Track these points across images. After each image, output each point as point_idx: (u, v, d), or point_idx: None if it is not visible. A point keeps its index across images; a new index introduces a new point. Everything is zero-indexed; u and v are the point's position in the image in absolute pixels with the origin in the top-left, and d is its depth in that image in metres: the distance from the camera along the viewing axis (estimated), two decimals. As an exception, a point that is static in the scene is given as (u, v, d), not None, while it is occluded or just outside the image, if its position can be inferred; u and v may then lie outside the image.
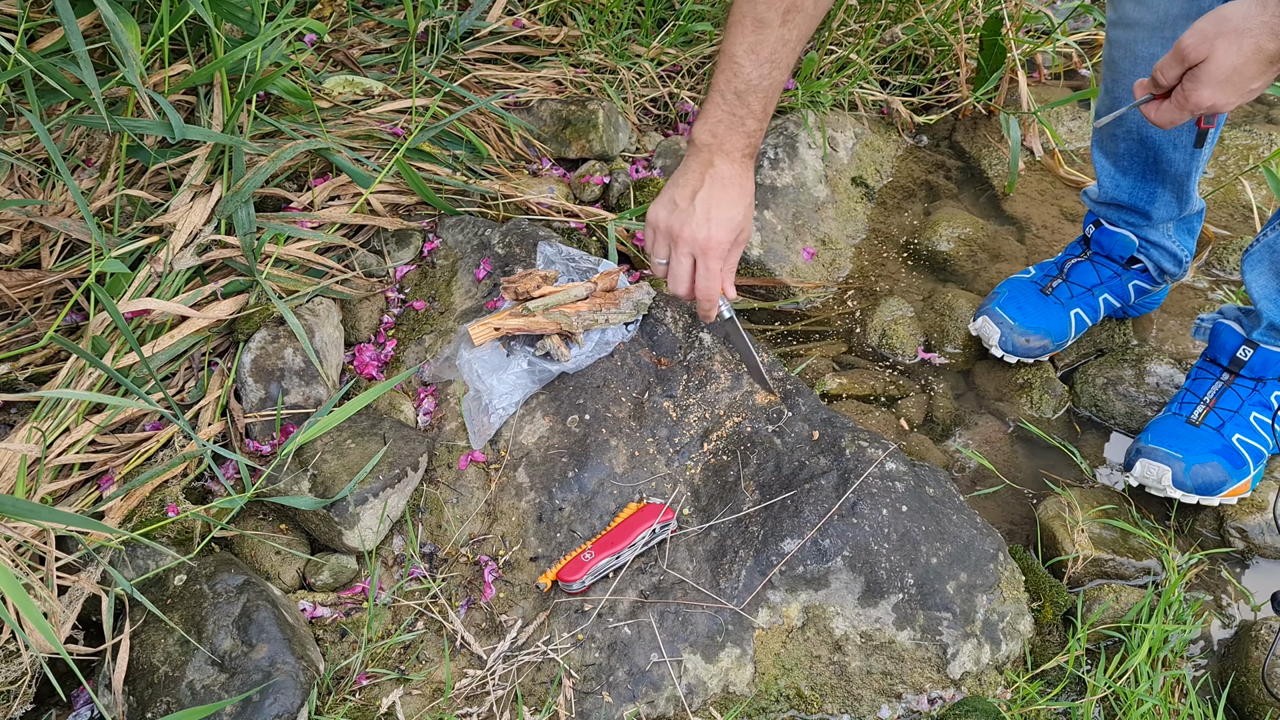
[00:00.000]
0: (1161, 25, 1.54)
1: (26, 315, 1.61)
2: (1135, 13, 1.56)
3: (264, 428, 1.57)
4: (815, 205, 2.05)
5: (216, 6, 1.59)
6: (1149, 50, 1.56)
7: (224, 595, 1.36)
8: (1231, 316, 1.66)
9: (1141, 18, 1.56)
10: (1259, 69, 1.26)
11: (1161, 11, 1.53)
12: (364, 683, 1.39)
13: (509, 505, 1.52)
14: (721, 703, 1.38)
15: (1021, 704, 1.40)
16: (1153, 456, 1.59)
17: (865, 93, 2.23)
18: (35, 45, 1.60)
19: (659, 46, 2.17)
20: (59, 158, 1.43)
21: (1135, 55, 1.59)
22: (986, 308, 1.80)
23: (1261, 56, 1.24)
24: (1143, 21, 1.56)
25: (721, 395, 1.60)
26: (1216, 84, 1.26)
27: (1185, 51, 1.26)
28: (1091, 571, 1.55)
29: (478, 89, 2.04)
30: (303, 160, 1.83)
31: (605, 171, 2.02)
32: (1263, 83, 1.29)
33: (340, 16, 2.08)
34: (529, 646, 1.40)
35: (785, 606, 1.41)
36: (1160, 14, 1.53)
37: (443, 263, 1.80)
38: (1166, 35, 1.53)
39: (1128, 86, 1.60)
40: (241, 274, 1.67)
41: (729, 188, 1.43)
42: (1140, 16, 1.56)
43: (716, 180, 1.42)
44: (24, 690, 1.33)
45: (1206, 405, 1.63)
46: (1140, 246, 1.79)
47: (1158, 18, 1.53)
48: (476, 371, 1.59)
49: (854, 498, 1.44)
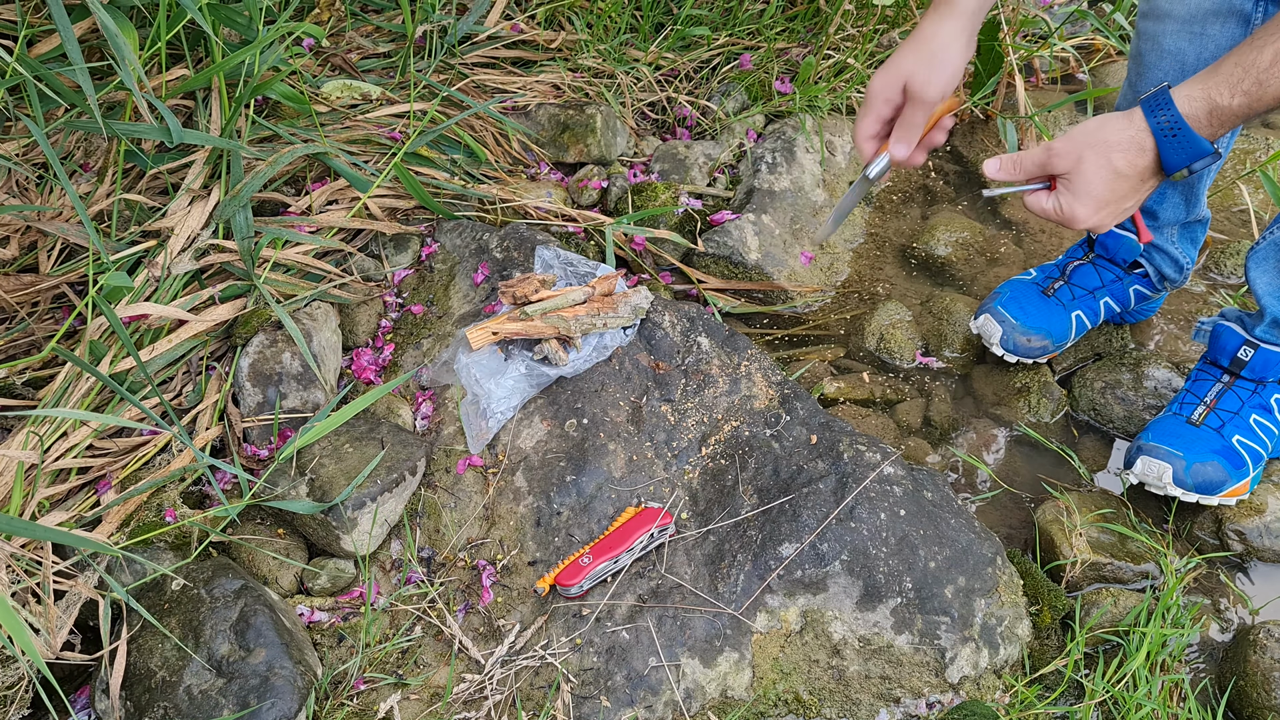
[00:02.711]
0: (1192, 19, 1.53)
1: (24, 319, 1.61)
2: (1167, 5, 1.55)
3: (262, 432, 1.57)
4: (813, 209, 2.05)
5: (215, 12, 1.59)
6: (1176, 44, 1.55)
7: (221, 600, 1.36)
8: (1232, 319, 1.66)
9: (1173, 10, 1.54)
10: (1130, 187, 1.26)
11: (1193, 5, 1.52)
12: (362, 688, 1.39)
13: (507, 509, 1.52)
14: (720, 707, 1.38)
15: (1020, 708, 1.40)
16: (1153, 454, 1.59)
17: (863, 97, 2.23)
18: (35, 50, 1.60)
19: (657, 51, 2.17)
20: (57, 162, 1.43)
21: (1162, 48, 1.58)
22: (988, 306, 1.80)
23: (1133, 172, 1.24)
24: (1173, 14, 1.54)
25: (719, 399, 1.60)
26: (1095, 203, 1.26)
27: (1053, 158, 1.26)
28: (1090, 575, 1.54)
29: (476, 93, 2.05)
30: (301, 164, 1.83)
31: (603, 176, 2.02)
32: (1135, 201, 1.28)
33: (338, 21, 2.08)
34: (527, 651, 1.40)
35: (783, 611, 1.41)
36: (1191, 8, 1.52)
37: (440, 267, 1.80)
38: (1195, 30, 1.52)
39: (1152, 81, 1.60)
40: (239, 278, 1.66)
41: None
42: (1171, 9, 1.54)
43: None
44: (21, 695, 1.33)
45: (1207, 406, 1.63)
46: (1143, 250, 1.79)
47: (1189, 11, 1.52)
48: (474, 375, 1.59)
49: (852, 502, 1.44)
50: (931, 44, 1.33)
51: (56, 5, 1.34)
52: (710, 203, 2.04)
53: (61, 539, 1.23)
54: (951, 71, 1.33)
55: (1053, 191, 1.30)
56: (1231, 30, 1.51)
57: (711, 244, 1.93)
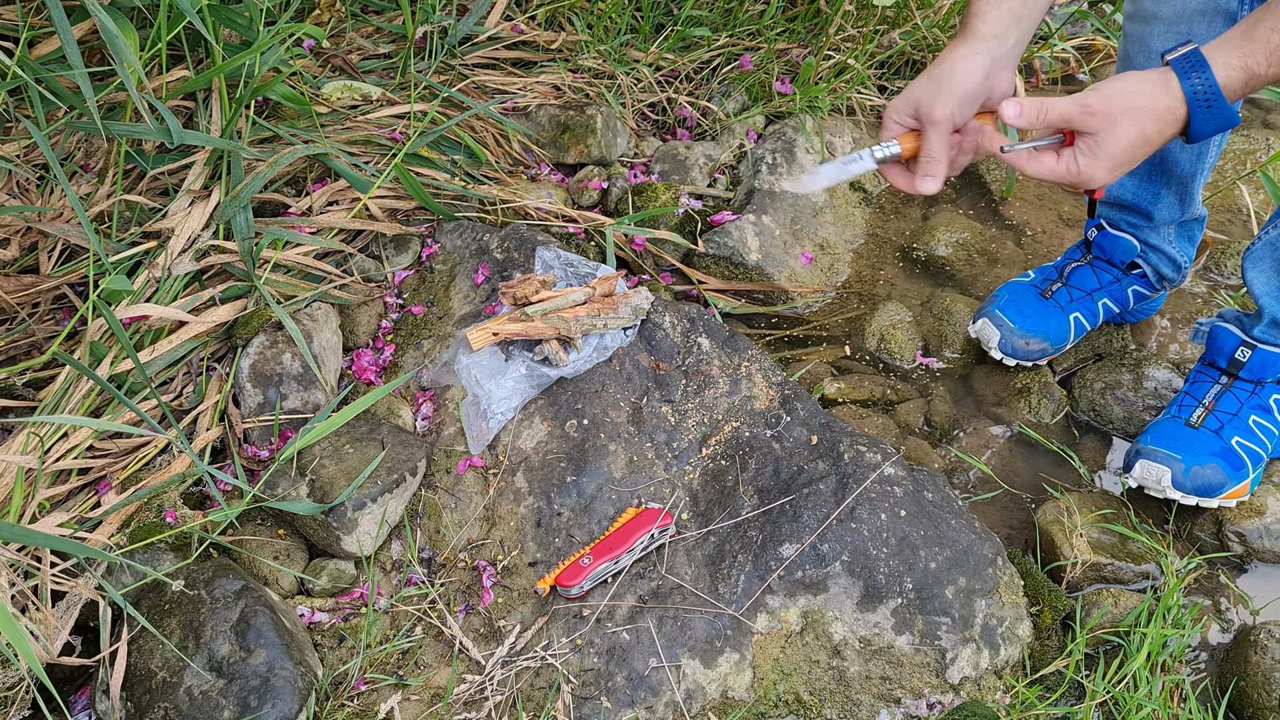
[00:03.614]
0: (1178, 20, 1.53)
1: (25, 320, 1.61)
2: (1153, 6, 1.55)
3: (262, 433, 1.57)
4: (813, 210, 2.05)
5: (215, 13, 1.59)
6: (1163, 45, 1.55)
7: (222, 601, 1.36)
8: (1230, 319, 1.66)
9: (1159, 11, 1.55)
10: (1149, 151, 1.22)
11: (1179, 6, 1.52)
12: (362, 688, 1.39)
13: (507, 510, 1.52)
14: (720, 708, 1.38)
15: (1020, 709, 1.40)
16: (1152, 458, 1.59)
17: (863, 98, 2.23)
18: (35, 51, 1.60)
19: (657, 52, 2.17)
20: (57, 164, 1.43)
21: (1149, 50, 1.58)
22: (986, 310, 1.80)
23: (1160, 140, 1.21)
24: (1160, 15, 1.55)
25: (720, 400, 1.60)
26: (1113, 165, 1.21)
27: (1085, 115, 1.20)
28: (1090, 576, 1.54)
29: (476, 94, 2.05)
30: (301, 165, 1.83)
31: (603, 176, 2.02)
32: (1135, 162, 1.25)
33: (339, 22, 2.08)
34: (527, 652, 1.40)
35: (784, 611, 1.41)
36: (1178, 8, 1.52)
37: (441, 268, 1.80)
38: (1182, 31, 1.52)
39: None
40: (240, 279, 1.67)
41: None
42: (1157, 10, 1.55)
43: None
44: (21, 696, 1.33)
45: (1205, 408, 1.62)
46: (1140, 251, 1.79)
47: (1175, 12, 1.53)
48: (475, 376, 1.59)
49: (852, 503, 1.44)
50: (941, 67, 1.32)
51: (56, 7, 1.34)
52: (710, 203, 2.04)
53: (58, 545, 1.22)
54: (961, 93, 1.29)
55: (1065, 148, 1.24)
56: (1219, 29, 1.51)
57: (712, 245, 1.93)
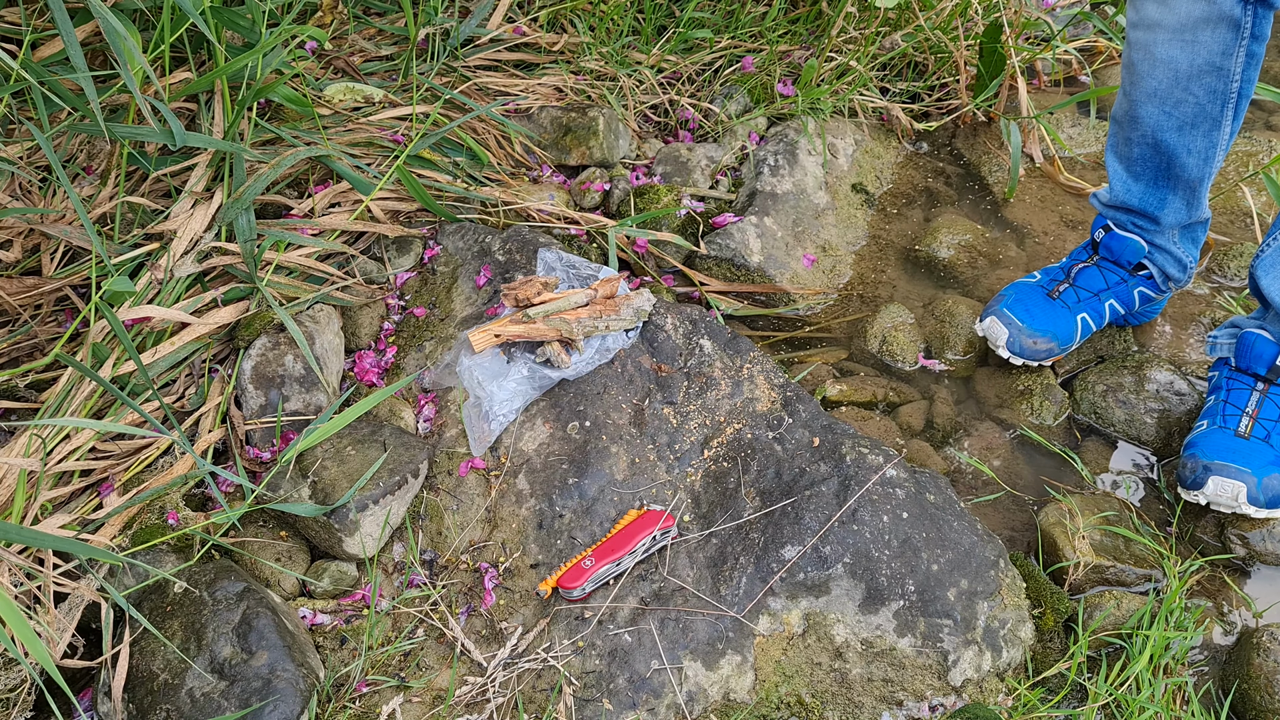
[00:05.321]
0: (1183, 28, 1.53)
1: (27, 322, 1.62)
2: (1157, 14, 1.55)
3: (264, 434, 1.57)
4: (815, 212, 2.05)
5: (218, 15, 1.59)
6: (1168, 52, 1.55)
7: (224, 602, 1.36)
8: (1254, 325, 1.64)
9: (1163, 19, 1.55)
10: None
11: (1183, 14, 1.52)
12: (364, 690, 1.39)
13: (509, 512, 1.52)
14: (722, 710, 1.38)
15: (1023, 711, 1.39)
16: (1224, 474, 1.52)
17: (865, 99, 2.23)
18: (39, 53, 1.60)
19: (659, 54, 2.17)
20: (59, 166, 1.43)
21: (1154, 57, 1.58)
22: (994, 309, 1.80)
23: None
24: (1164, 23, 1.55)
25: (722, 402, 1.60)
26: None
27: None
28: (1093, 578, 1.54)
29: (478, 96, 2.05)
30: (303, 167, 1.83)
31: (606, 178, 2.02)
32: None
33: (341, 24, 2.08)
34: (529, 654, 1.40)
35: (786, 613, 1.41)
36: (1182, 16, 1.52)
37: (443, 269, 1.80)
38: (1187, 38, 1.52)
39: (1146, 90, 1.60)
40: (242, 281, 1.67)
41: None
42: (1162, 18, 1.55)
43: None
44: (24, 697, 1.33)
45: (1250, 416, 1.58)
46: (1148, 252, 1.79)
47: (1179, 20, 1.53)
48: (477, 378, 1.60)
49: (854, 504, 1.44)
50: None
51: (59, 9, 1.34)
52: (712, 205, 2.04)
53: (61, 546, 1.22)
54: None
55: None
56: (1223, 36, 1.51)
57: (714, 246, 1.93)
